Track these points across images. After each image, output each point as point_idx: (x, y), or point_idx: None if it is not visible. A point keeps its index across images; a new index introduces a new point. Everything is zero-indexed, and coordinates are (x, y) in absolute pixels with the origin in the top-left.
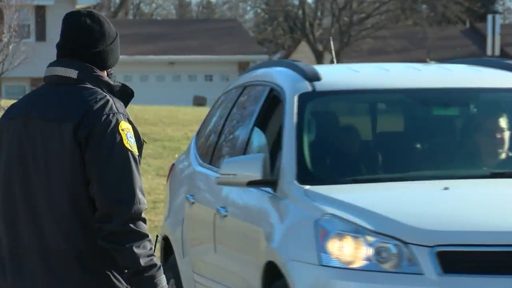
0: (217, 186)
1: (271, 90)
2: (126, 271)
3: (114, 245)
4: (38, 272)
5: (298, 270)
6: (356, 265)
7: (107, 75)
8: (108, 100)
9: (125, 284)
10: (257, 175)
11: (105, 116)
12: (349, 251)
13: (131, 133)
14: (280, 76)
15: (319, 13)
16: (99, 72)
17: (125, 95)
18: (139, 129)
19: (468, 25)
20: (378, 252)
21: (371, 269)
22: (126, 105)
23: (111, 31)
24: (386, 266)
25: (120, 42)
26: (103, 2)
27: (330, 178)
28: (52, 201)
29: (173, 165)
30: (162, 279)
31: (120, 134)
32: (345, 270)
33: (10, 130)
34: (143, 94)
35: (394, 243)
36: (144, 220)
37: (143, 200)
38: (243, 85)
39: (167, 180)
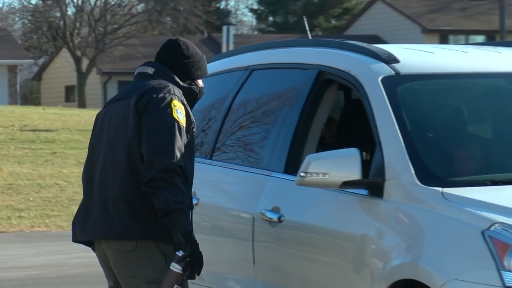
0: (249, 184)
1: (320, 73)
2: (159, 212)
3: (152, 190)
4: (97, 218)
5: None
6: None
7: (189, 85)
8: (168, 85)
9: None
10: (355, 175)
11: (162, 94)
12: None
13: (181, 110)
14: (336, 57)
15: (78, 24)
16: (172, 74)
17: (191, 97)
18: None
19: (206, 35)
20: None
21: None
22: (192, 106)
23: (187, 53)
24: None
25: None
26: None
27: (459, 178)
28: (114, 157)
29: None
30: (187, 223)
31: (171, 107)
32: None
33: (101, 115)
34: None
35: None
36: (178, 174)
37: (179, 158)
38: (248, 68)
39: None
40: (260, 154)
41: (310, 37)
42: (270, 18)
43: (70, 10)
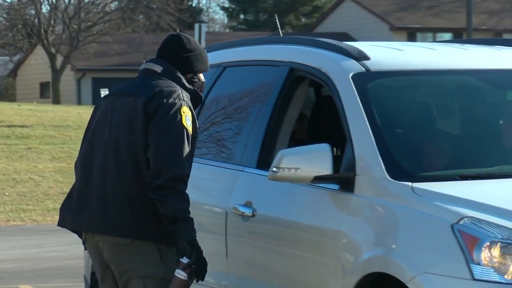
0: (222, 179)
1: (292, 70)
2: (165, 219)
3: (159, 197)
4: (94, 210)
5: (440, 285)
6: None
7: (189, 78)
8: (177, 89)
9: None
10: (326, 170)
11: (172, 99)
12: (510, 262)
13: (189, 117)
14: (307, 54)
15: (52, 22)
16: (179, 74)
17: (195, 99)
18: None
19: (178, 32)
20: None
21: None
22: (194, 108)
23: (189, 47)
24: None
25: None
26: None
27: (429, 173)
28: (117, 154)
29: None
30: (192, 231)
31: (180, 114)
32: (509, 286)
33: (103, 105)
34: None
35: None
36: (185, 182)
37: (187, 166)
38: (221, 65)
39: None
40: (233, 149)
41: (281, 34)
42: (241, 16)
43: (45, 8)
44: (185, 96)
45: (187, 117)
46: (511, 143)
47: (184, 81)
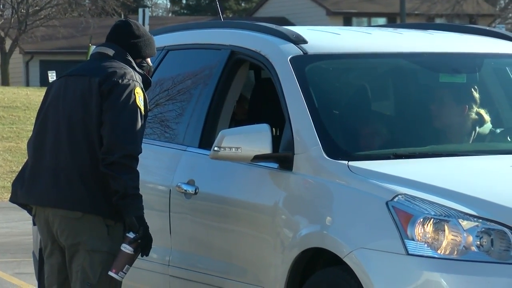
0: (165, 158)
1: (232, 53)
2: (116, 194)
3: (112, 173)
4: (46, 184)
5: (375, 259)
6: (455, 254)
7: (138, 63)
8: (130, 70)
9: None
10: (265, 149)
11: (126, 80)
12: (443, 238)
13: (142, 97)
14: (248, 38)
15: (1, 6)
16: (130, 58)
17: (145, 83)
18: None
19: (123, 17)
20: (479, 239)
21: (474, 259)
22: (145, 91)
23: (138, 33)
24: (493, 255)
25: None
26: None
27: (364, 152)
28: (70, 131)
29: None
30: (141, 207)
31: (134, 95)
32: (442, 260)
33: (56, 86)
34: None
35: (498, 229)
36: (137, 160)
37: (139, 145)
38: (164, 48)
39: None
40: (176, 130)
41: (222, 19)
42: (184, 1)
43: None
44: (137, 77)
45: (140, 97)
46: (443, 123)
47: (135, 64)
